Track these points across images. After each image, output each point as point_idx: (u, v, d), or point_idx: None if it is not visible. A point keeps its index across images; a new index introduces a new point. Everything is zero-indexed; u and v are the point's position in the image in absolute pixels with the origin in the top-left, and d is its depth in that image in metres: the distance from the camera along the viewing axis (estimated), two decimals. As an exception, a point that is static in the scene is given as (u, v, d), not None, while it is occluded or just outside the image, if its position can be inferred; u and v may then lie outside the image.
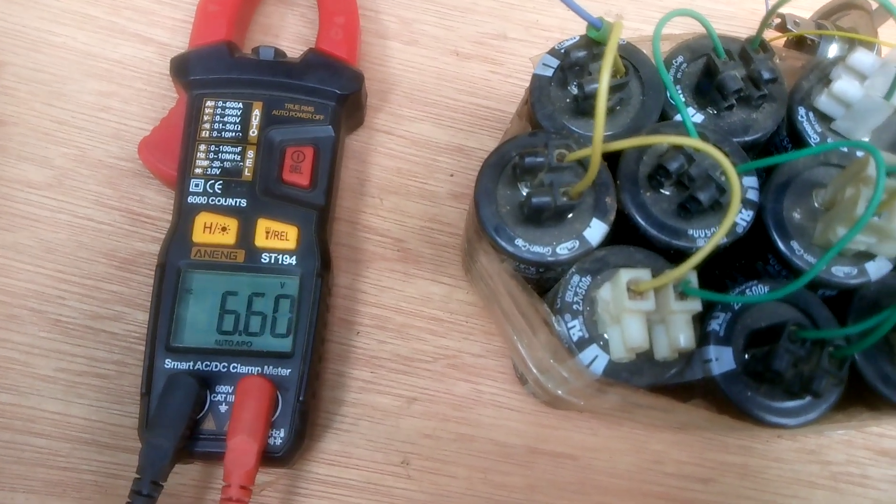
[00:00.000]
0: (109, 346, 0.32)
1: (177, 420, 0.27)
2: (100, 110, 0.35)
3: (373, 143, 0.36)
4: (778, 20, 0.34)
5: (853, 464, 0.33)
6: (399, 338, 0.33)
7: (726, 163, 0.21)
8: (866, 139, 0.27)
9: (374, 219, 0.35)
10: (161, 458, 0.26)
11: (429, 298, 0.34)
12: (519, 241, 0.25)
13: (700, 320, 0.25)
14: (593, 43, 0.27)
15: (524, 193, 0.25)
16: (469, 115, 0.37)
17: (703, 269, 0.28)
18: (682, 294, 0.23)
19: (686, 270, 0.22)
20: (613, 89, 0.26)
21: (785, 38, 0.35)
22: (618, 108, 0.27)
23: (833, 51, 0.34)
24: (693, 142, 0.22)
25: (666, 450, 0.32)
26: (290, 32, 0.37)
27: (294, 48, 0.35)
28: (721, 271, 0.29)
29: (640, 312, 0.23)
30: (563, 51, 0.28)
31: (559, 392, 0.28)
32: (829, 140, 0.27)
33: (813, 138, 0.27)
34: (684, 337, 0.23)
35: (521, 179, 0.26)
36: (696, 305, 0.23)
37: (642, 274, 0.23)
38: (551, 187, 0.24)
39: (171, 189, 0.32)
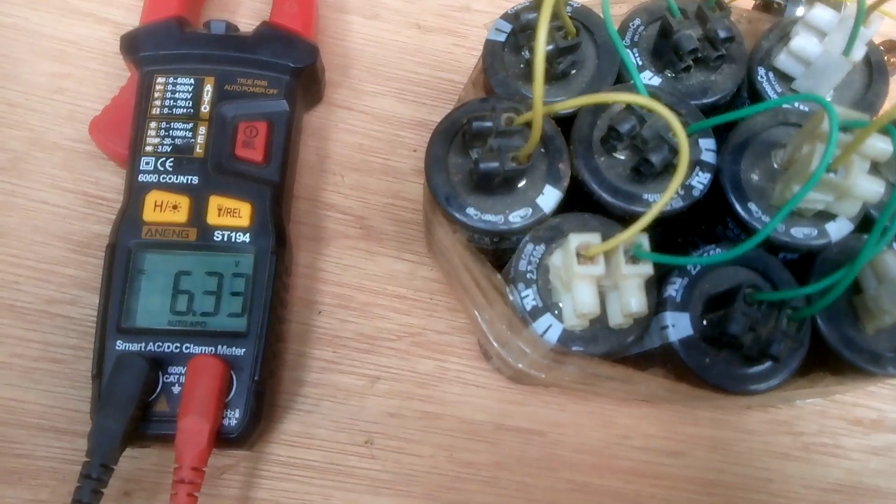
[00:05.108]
0: (66, 330, 0.31)
1: (126, 402, 0.26)
2: (54, 92, 0.34)
3: (333, 119, 0.35)
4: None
5: (826, 434, 0.32)
6: (362, 316, 0.32)
7: (673, 119, 0.21)
8: (828, 98, 0.27)
9: (335, 196, 0.34)
10: (110, 440, 0.25)
11: (392, 276, 0.33)
12: (470, 210, 0.24)
13: (658, 286, 0.24)
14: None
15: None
16: (432, 89, 0.36)
17: (665, 236, 0.27)
18: (634, 258, 0.22)
19: (634, 233, 0.21)
20: (564, 51, 0.25)
21: (752, 3, 0.35)
22: (572, 72, 0.27)
23: (800, 13, 0.33)
24: (638, 98, 0.21)
25: (634, 424, 0.32)
26: (247, 7, 0.37)
27: (251, 23, 0.34)
28: (683, 238, 0.28)
29: (590, 278, 0.22)
30: (515, 14, 0.27)
31: (519, 365, 0.27)
32: (790, 100, 0.27)
33: (773, 98, 0.27)
34: (636, 301, 0.22)
35: (471, 146, 0.25)
36: (647, 269, 0.22)
37: (592, 238, 0.22)
38: (499, 152, 0.23)
39: (124, 169, 0.32)
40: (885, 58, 0.29)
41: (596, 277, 0.22)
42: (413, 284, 0.33)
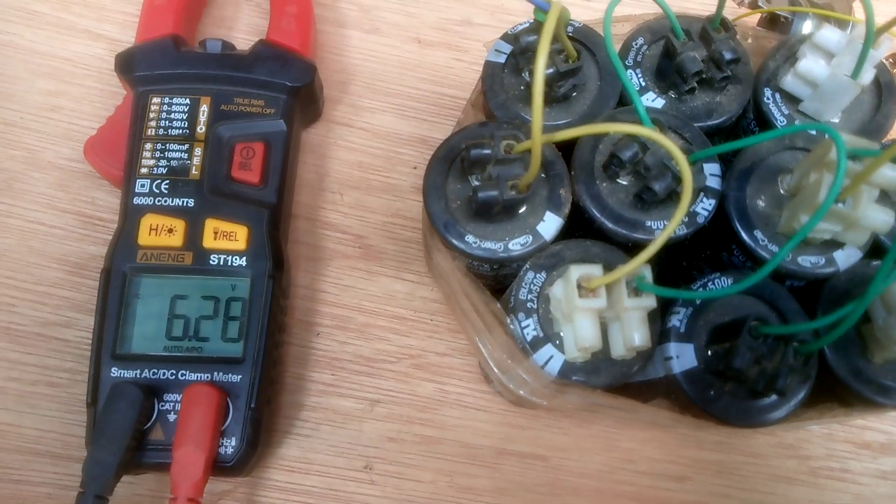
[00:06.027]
0: (61, 353, 0.31)
1: (120, 432, 0.26)
2: (49, 110, 0.34)
3: (332, 137, 0.35)
4: (749, -3, 0.33)
5: (833, 458, 0.31)
6: (361, 338, 0.32)
7: (676, 150, 0.20)
8: (836, 120, 0.26)
9: (334, 215, 0.34)
10: (104, 472, 0.25)
11: (392, 296, 0.33)
12: (469, 238, 0.24)
13: (662, 315, 0.24)
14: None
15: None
16: (433, 105, 0.36)
17: (670, 262, 0.27)
18: (637, 290, 0.22)
19: (638, 265, 0.21)
20: (565, 75, 0.25)
21: (758, 17, 0.34)
22: (573, 94, 0.26)
23: (807, 29, 0.32)
24: (639, 129, 0.20)
25: (638, 448, 0.31)
26: (244, 24, 0.36)
27: (248, 40, 0.34)
28: (688, 263, 0.28)
29: (591, 310, 0.22)
30: (515, 36, 0.26)
31: (521, 392, 0.27)
32: (796, 123, 0.26)
33: (780, 121, 0.26)
34: (639, 335, 0.21)
35: (470, 172, 0.24)
36: (650, 302, 0.21)
37: (594, 270, 0.22)
38: (498, 180, 0.23)
39: (120, 189, 0.31)
40: (895, 72, 0.28)
41: (597, 310, 0.22)
42: (413, 305, 0.33)
